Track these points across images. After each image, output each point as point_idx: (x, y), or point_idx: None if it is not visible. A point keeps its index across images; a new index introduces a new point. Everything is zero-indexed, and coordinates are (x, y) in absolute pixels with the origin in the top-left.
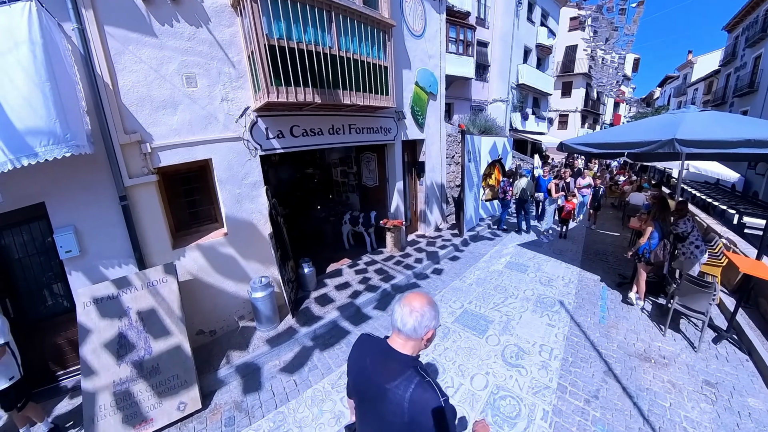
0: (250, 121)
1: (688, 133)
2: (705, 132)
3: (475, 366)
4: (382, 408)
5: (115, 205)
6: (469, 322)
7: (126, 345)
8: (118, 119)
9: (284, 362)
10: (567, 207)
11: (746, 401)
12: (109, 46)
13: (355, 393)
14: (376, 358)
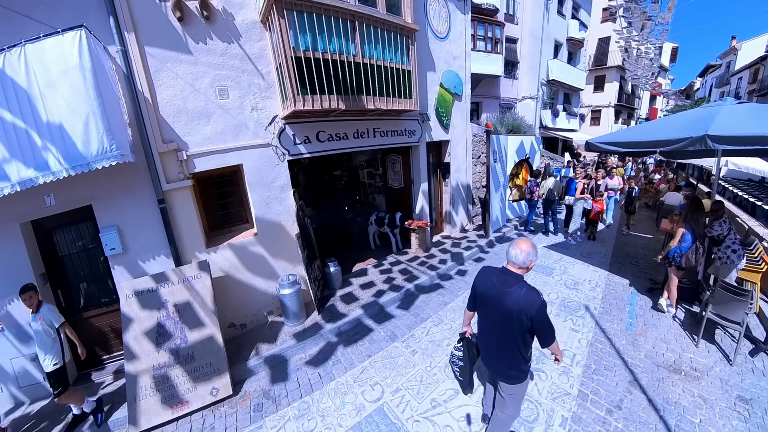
0: (278, 129)
1: (723, 128)
2: (741, 127)
3: None
4: (504, 301)
5: (154, 208)
6: None
7: (164, 334)
8: (156, 130)
9: (310, 356)
10: (595, 208)
11: None
12: (149, 64)
13: (481, 299)
14: (500, 276)
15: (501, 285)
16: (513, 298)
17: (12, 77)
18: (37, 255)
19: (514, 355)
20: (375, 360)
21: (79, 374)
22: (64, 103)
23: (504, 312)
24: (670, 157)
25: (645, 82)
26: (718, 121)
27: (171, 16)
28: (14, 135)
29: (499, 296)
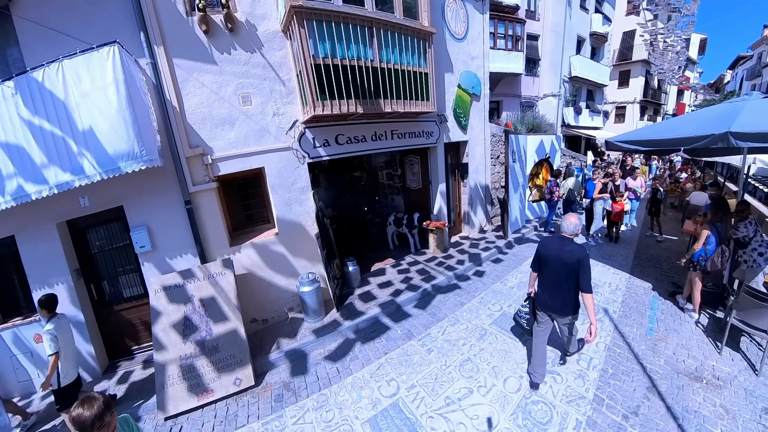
0: (298, 133)
1: (747, 125)
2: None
3: (509, 369)
4: (563, 256)
5: (181, 209)
6: (506, 325)
7: (190, 326)
8: (183, 136)
9: (328, 351)
10: (616, 209)
11: None
12: (177, 75)
13: (544, 260)
14: (558, 241)
15: (559, 246)
16: (568, 251)
17: (50, 90)
18: (71, 252)
19: (569, 292)
20: (391, 357)
21: (110, 363)
22: (99, 113)
23: (563, 263)
24: (694, 155)
25: (671, 76)
26: (742, 117)
27: (197, 29)
28: (52, 142)
29: (558, 253)
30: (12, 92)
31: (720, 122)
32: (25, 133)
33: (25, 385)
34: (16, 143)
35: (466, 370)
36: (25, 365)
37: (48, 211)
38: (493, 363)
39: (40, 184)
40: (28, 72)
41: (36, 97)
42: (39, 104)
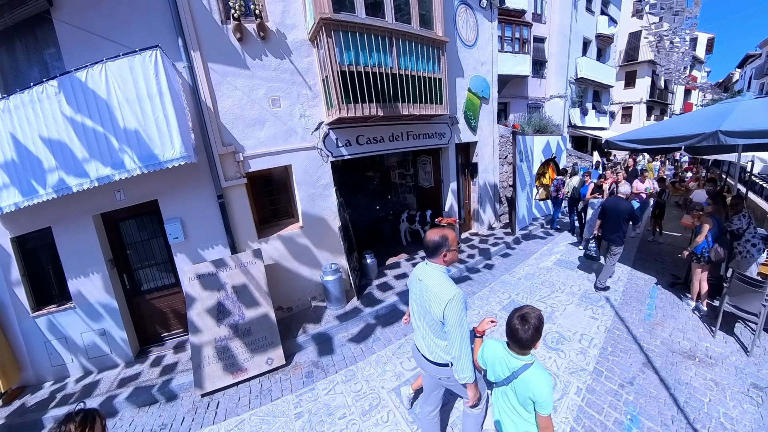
0: (323, 133)
1: (737, 123)
2: (755, 121)
3: None
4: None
5: (213, 202)
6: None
7: (224, 311)
8: (217, 135)
9: (352, 334)
10: None
11: None
12: (212, 78)
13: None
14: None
15: (616, 202)
16: (622, 205)
17: (93, 89)
18: (106, 243)
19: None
20: (411, 338)
21: (141, 348)
22: (140, 112)
23: (618, 211)
24: (695, 153)
25: (678, 76)
26: (733, 116)
27: (232, 36)
28: (94, 138)
29: (615, 207)
30: (55, 91)
31: (712, 121)
32: (68, 129)
33: (59, 369)
34: (59, 139)
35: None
36: (60, 350)
37: (85, 204)
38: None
39: (81, 178)
40: (72, 72)
41: (79, 95)
42: (82, 103)
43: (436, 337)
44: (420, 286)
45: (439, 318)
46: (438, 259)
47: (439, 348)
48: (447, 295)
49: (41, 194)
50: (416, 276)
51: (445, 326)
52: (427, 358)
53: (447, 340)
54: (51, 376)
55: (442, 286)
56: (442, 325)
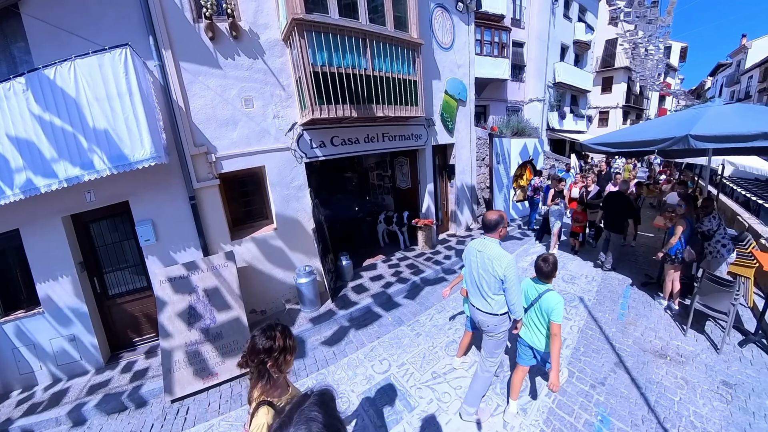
0: (297, 134)
1: (706, 128)
2: (723, 126)
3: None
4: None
5: (185, 204)
6: None
7: (195, 315)
8: (189, 135)
9: (324, 337)
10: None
11: (765, 403)
12: (184, 77)
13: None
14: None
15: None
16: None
17: (62, 87)
18: (75, 245)
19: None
20: (383, 341)
21: (112, 354)
22: (109, 111)
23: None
24: (668, 156)
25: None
26: (703, 121)
27: (204, 35)
28: (63, 138)
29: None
30: (23, 88)
31: (683, 126)
32: (36, 128)
33: (27, 378)
34: (26, 138)
35: (451, 350)
36: (28, 358)
37: (54, 205)
38: (476, 343)
39: (49, 178)
40: (40, 69)
41: (47, 93)
42: (50, 101)
43: (493, 293)
44: (480, 256)
45: (501, 277)
46: (495, 234)
47: (494, 302)
48: (507, 260)
49: (8, 195)
50: (475, 248)
51: (505, 282)
52: (483, 310)
53: (505, 294)
54: (19, 385)
55: (501, 253)
56: (502, 283)
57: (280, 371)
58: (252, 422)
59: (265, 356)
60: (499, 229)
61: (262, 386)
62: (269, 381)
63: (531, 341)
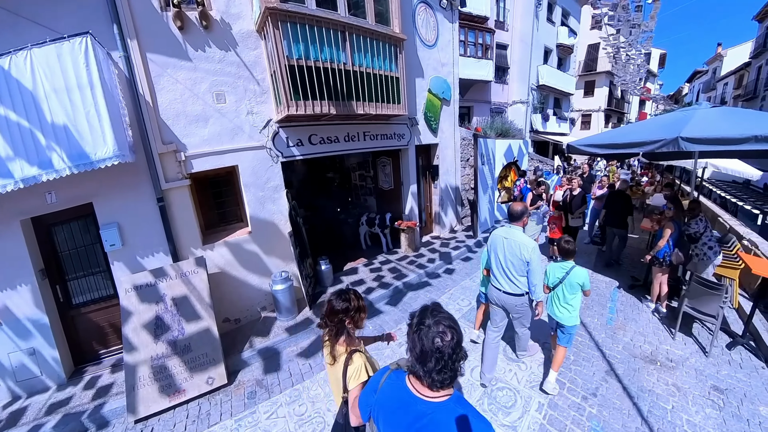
0: (272, 132)
1: (695, 131)
2: (712, 129)
3: (476, 359)
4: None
5: (153, 206)
6: (474, 319)
7: (162, 326)
8: (156, 132)
9: (301, 348)
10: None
11: (757, 409)
12: (151, 70)
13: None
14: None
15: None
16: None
17: (18, 79)
18: (36, 251)
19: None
20: None
21: (75, 369)
22: (69, 105)
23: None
24: (653, 159)
25: (633, 87)
26: (691, 124)
27: (172, 25)
28: (18, 134)
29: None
30: None
31: (672, 128)
32: None
33: None
34: None
35: None
36: None
37: (11, 208)
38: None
39: (4, 178)
40: None
41: (2, 85)
42: (5, 93)
43: (519, 275)
44: (507, 242)
45: (526, 259)
46: (519, 222)
47: (520, 282)
48: (531, 245)
49: None
50: (501, 236)
51: (530, 264)
52: (508, 292)
53: (528, 276)
54: None
55: (526, 239)
56: (527, 265)
57: (357, 327)
58: (351, 367)
59: (343, 315)
60: (523, 219)
61: (344, 341)
62: (348, 336)
63: (556, 315)
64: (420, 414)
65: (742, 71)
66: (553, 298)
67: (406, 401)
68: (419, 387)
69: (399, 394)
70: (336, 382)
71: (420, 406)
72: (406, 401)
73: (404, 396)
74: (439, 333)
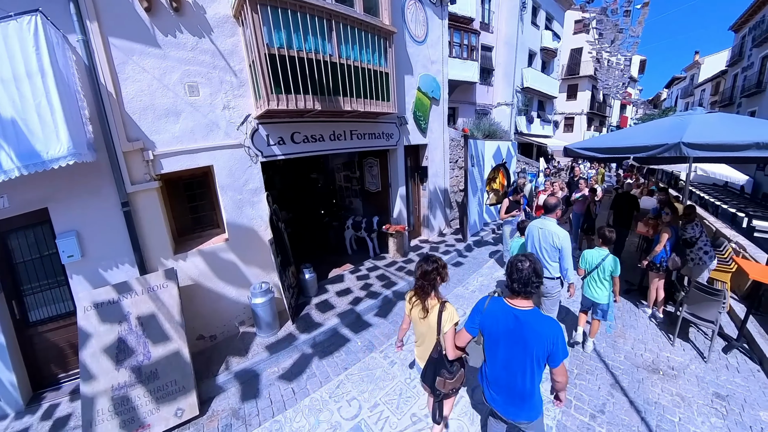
0: (251, 129)
1: (696, 136)
2: (713, 135)
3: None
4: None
5: (117, 211)
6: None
7: (125, 350)
8: (121, 127)
9: (283, 369)
10: None
11: (758, 415)
12: (114, 56)
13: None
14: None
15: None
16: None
17: None
18: None
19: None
20: (352, 373)
21: (34, 394)
22: (17, 95)
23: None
24: (642, 162)
25: (616, 92)
26: (691, 129)
27: (138, 5)
28: None
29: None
30: None
31: (672, 133)
32: None
33: None
34: None
35: None
36: None
37: None
38: None
39: None
40: None
41: None
42: None
43: (551, 261)
44: (542, 232)
45: (558, 246)
46: (553, 214)
47: (553, 267)
48: (563, 234)
49: None
50: (537, 226)
51: (561, 251)
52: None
53: (560, 261)
54: None
55: (558, 229)
56: (559, 251)
57: (443, 281)
58: (445, 312)
59: (434, 273)
60: (556, 211)
61: (434, 295)
62: (437, 290)
63: (593, 296)
64: (515, 317)
65: (718, 78)
66: (589, 281)
67: (506, 311)
68: (513, 301)
69: (500, 307)
70: (430, 329)
71: (515, 312)
72: (506, 311)
73: (504, 308)
74: (520, 261)
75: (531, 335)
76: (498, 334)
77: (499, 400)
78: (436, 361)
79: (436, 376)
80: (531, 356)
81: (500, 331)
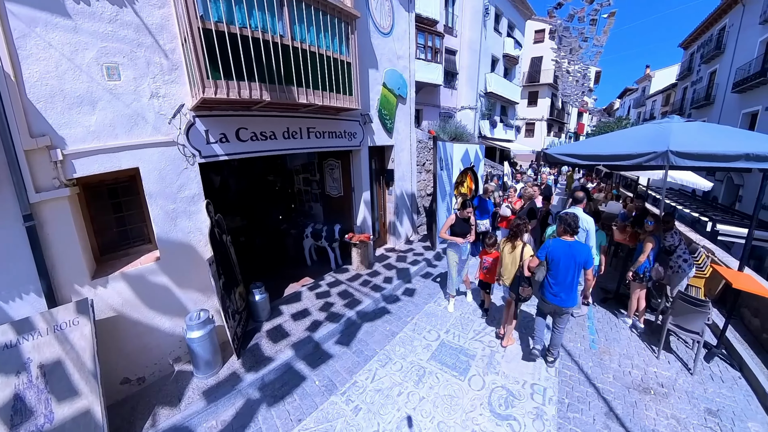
0: (186, 122)
1: (682, 145)
2: (700, 144)
3: (457, 421)
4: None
5: (17, 227)
6: (447, 358)
7: (22, 411)
8: (21, 118)
9: (222, 423)
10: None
11: (747, 427)
12: (11, 26)
13: None
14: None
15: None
16: None
17: None
18: None
19: None
20: (307, 426)
21: None
22: None
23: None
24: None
25: (575, 100)
26: (675, 137)
27: None
28: None
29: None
30: None
31: (657, 141)
32: None
33: None
34: None
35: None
36: None
37: None
38: (438, 417)
39: None
40: None
41: None
42: None
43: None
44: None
45: (585, 228)
46: (580, 205)
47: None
48: (589, 219)
49: None
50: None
51: (588, 232)
52: None
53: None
54: None
55: (584, 215)
56: (587, 233)
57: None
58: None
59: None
60: (583, 202)
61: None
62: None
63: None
64: (568, 245)
65: (669, 91)
66: None
67: (562, 243)
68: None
69: (558, 241)
70: (514, 260)
71: (567, 242)
72: (562, 243)
73: (560, 241)
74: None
75: (576, 253)
76: (559, 256)
77: (560, 293)
78: (519, 278)
79: (518, 286)
80: (577, 263)
81: (560, 253)
